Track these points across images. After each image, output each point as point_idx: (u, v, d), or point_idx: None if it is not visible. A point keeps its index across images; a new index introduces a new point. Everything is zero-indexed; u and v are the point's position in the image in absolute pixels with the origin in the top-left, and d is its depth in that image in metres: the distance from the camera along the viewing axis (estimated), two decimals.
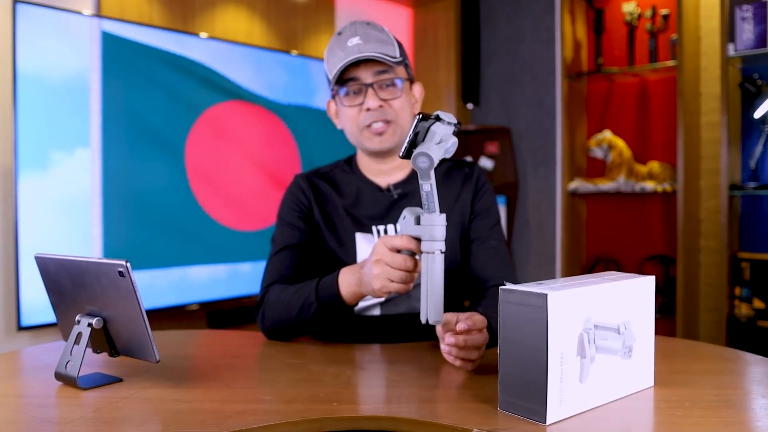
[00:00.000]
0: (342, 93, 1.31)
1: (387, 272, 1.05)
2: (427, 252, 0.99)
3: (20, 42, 2.28)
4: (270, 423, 0.82)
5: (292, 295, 1.24)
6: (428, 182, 0.97)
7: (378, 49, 1.26)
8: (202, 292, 2.82)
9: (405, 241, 1.02)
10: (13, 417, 0.86)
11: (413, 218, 1.00)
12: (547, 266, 3.62)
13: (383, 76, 1.29)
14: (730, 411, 0.84)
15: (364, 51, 1.25)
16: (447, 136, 0.98)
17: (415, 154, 0.96)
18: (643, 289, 0.92)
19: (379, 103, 1.28)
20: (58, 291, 1.05)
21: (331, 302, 1.19)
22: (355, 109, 1.31)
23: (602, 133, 3.24)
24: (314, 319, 1.23)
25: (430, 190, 0.97)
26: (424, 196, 0.98)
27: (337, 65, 1.27)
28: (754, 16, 2.63)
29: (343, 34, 1.30)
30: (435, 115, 0.98)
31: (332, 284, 1.19)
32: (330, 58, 1.30)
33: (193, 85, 2.79)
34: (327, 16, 3.56)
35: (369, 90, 1.28)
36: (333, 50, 1.30)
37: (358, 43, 1.26)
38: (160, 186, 2.69)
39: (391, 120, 1.30)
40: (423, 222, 0.99)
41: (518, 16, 3.71)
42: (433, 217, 0.98)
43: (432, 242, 0.98)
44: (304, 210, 1.38)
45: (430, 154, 0.95)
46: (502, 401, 0.84)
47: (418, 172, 0.97)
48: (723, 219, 2.75)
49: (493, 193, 1.43)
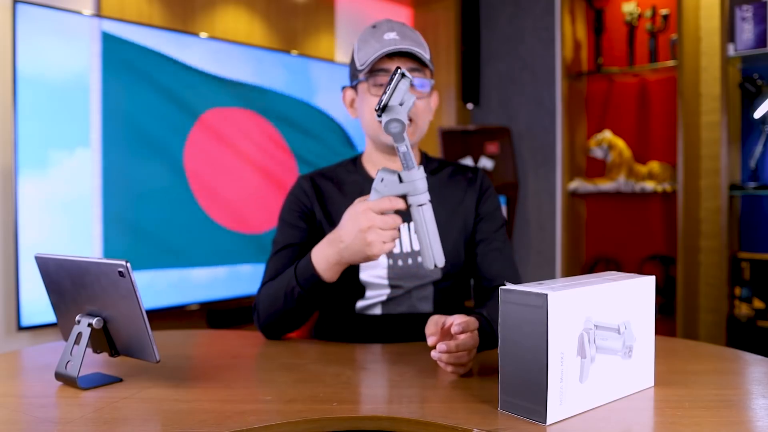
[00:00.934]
0: (371, 81, 1.30)
1: (381, 236, 1.08)
2: (417, 205, 1.05)
3: (20, 42, 2.28)
4: (270, 423, 0.82)
5: (276, 285, 1.25)
6: (403, 143, 1.03)
7: (414, 47, 1.28)
8: (202, 292, 2.82)
9: (394, 202, 1.06)
10: (13, 417, 0.86)
11: (395, 177, 1.06)
12: (547, 266, 3.62)
13: (415, 74, 1.30)
14: (730, 411, 0.84)
15: (401, 45, 1.26)
16: (408, 95, 1.03)
17: (386, 121, 1.01)
18: (643, 289, 0.92)
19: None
20: (58, 291, 1.05)
21: (312, 283, 1.19)
22: None
23: (602, 133, 3.24)
24: (301, 305, 1.22)
25: (406, 150, 1.03)
26: (401, 156, 1.04)
27: (371, 53, 1.27)
28: (754, 16, 2.63)
29: (378, 28, 1.31)
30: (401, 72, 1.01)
31: (308, 265, 1.19)
32: (363, 47, 1.31)
33: (193, 86, 2.79)
34: (327, 16, 3.56)
35: None
36: (367, 41, 1.30)
37: (396, 38, 1.28)
38: (160, 186, 2.69)
39: (414, 120, 1.30)
40: (405, 179, 1.05)
41: (518, 16, 3.71)
42: (413, 172, 1.04)
43: (418, 195, 1.05)
44: (306, 210, 1.38)
45: (400, 119, 1.01)
46: (502, 401, 0.84)
47: (392, 137, 1.02)
48: (723, 219, 2.75)
49: (497, 196, 1.44)
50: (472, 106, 3.91)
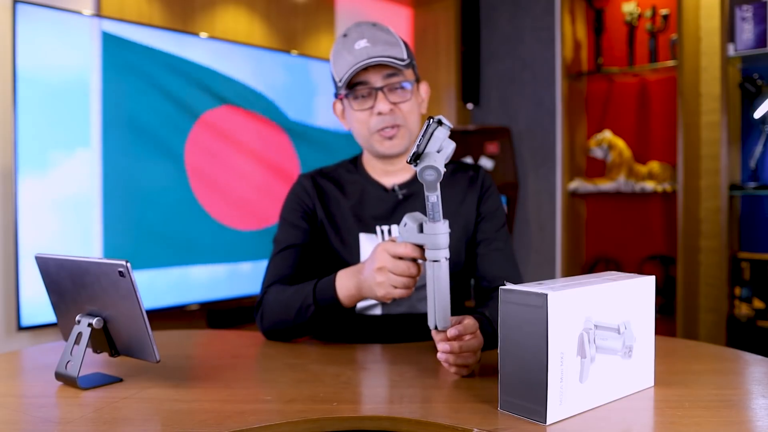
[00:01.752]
0: (351, 97, 1.29)
1: (391, 279, 1.05)
2: (432, 260, 1.00)
3: (20, 42, 2.28)
4: (270, 423, 0.82)
5: (290, 297, 1.24)
6: (435, 194, 0.97)
7: (386, 52, 1.25)
8: (202, 292, 2.82)
9: (409, 249, 1.03)
10: (13, 417, 0.86)
11: (416, 226, 1.01)
12: (547, 266, 3.62)
13: (392, 80, 1.27)
14: (730, 411, 0.84)
15: (373, 54, 1.24)
16: (447, 141, 0.98)
17: (421, 168, 0.95)
18: (643, 289, 0.92)
19: (389, 107, 1.27)
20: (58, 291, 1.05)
21: (329, 305, 1.19)
22: (365, 113, 1.29)
23: (602, 133, 3.24)
24: (312, 321, 1.23)
25: (436, 201, 0.97)
26: (429, 207, 0.98)
27: (345, 68, 1.25)
28: (754, 16, 2.63)
29: (349, 36, 1.28)
30: (437, 119, 0.97)
31: (330, 287, 1.19)
32: (337, 61, 1.29)
33: (193, 86, 2.79)
34: (327, 16, 3.56)
35: (379, 94, 1.27)
36: (340, 53, 1.28)
37: (366, 46, 1.25)
38: (160, 186, 2.69)
39: (401, 124, 1.29)
40: (426, 231, 1.00)
41: (518, 16, 3.71)
42: (437, 225, 0.99)
43: (436, 251, 0.99)
44: (307, 210, 1.37)
45: (437, 167, 0.94)
46: (502, 401, 0.84)
47: (425, 185, 0.96)
48: (723, 219, 2.75)
49: (499, 195, 1.43)
50: (472, 106, 3.91)
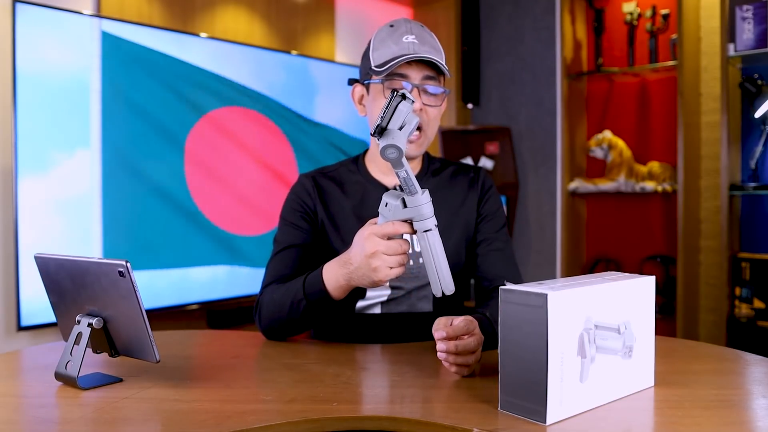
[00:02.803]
0: (386, 85, 1.28)
1: (386, 261, 1.06)
2: (423, 231, 1.01)
3: (20, 42, 2.28)
4: (270, 423, 0.82)
5: (282, 294, 1.25)
6: (402, 169, 0.98)
7: (432, 54, 1.25)
8: (202, 292, 2.82)
9: (398, 226, 1.03)
10: (13, 417, 0.86)
11: (399, 203, 1.02)
12: (547, 266, 3.62)
13: (430, 82, 1.28)
14: (730, 411, 0.84)
15: (420, 51, 1.24)
16: (410, 116, 0.98)
17: (383, 146, 0.96)
18: (643, 289, 0.92)
19: (420, 105, 1.27)
20: (58, 291, 1.05)
21: (319, 299, 1.19)
22: None
23: (602, 133, 3.24)
24: (305, 317, 1.22)
25: (407, 175, 0.98)
26: (402, 182, 1.00)
27: (388, 56, 1.25)
28: (755, 16, 2.63)
29: (396, 28, 1.28)
30: (401, 93, 0.97)
31: (318, 281, 1.19)
32: (379, 47, 1.28)
33: (193, 87, 2.79)
34: (327, 16, 3.56)
35: (414, 90, 1.27)
36: (385, 41, 1.28)
37: (414, 42, 1.25)
38: (160, 186, 2.69)
39: (423, 128, 1.29)
40: (409, 204, 1.01)
41: (518, 16, 3.71)
42: (417, 197, 1.00)
43: (423, 221, 1.01)
44: (308, 210, 1.37)
45: (397, 145, 0.96)
46: (502, 401, 0.84)
47: (390, 163, 0.98)
48: (723, 219, 2.75)
49: (499, 196, 1.43)
50: (471, 106, 3.91)
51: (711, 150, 2.99)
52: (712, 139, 2.98)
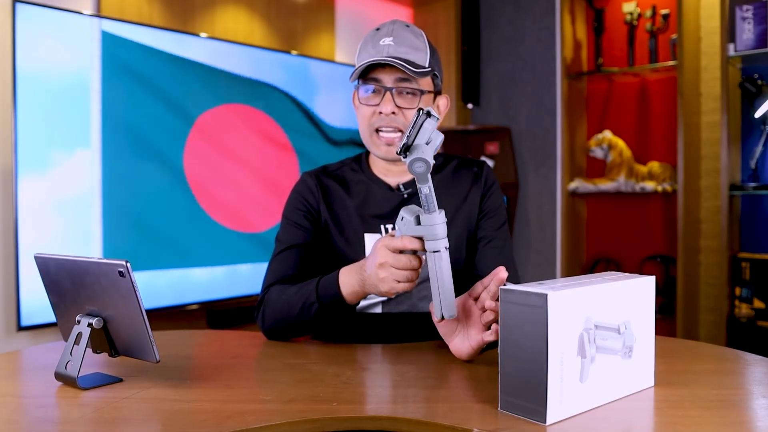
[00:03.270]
0: (360, 90, 1.30)
1: (393, 274, 1.05)
2: (432, 251, 1.00)
3: (20, 42, 2.28)
4: (270, 423, 0.82)
5: (292, 295, 1.24)
6: (426, 185, 0.98)
7: (407, 55, 1.25)
8: (202, 292, 2.82)
9: (407, 242, 1.03)
10: (13, 417, 0.86)
11: (413, 219, 1.01)
12: (547, 266, 3.62)
13: (404, 84, 1.27)
14: (730, 411, 0.84)
15: (393, 54, 1.24)
16: (435, 133, 0.98)
17: (411, 160, 0.96)
18: (644, 289, 0.92)
19: (392, 108, 1.26)
20: (58, 291, 1.05)
21: (332, 302, 1.19)
22: (369, 110, 1.29)
23: (602, 133, 3.24)
24: (315, 319, 1.22)
25: (429, 192, 0.98)
26: (423, 198, 0.99)
27: (365, 60, 1.26)
28: (755, 15, 2.63)
29: (380, 31, 1.29)
30: (427, 111, 0.98)
31: (333, 284, 1.19)
32: (361, 51, 1.30)
33: (193, 86, 2.79)
34: (327, 16, 3.56)
35: (387, 94, 1.26)
36: (366, 44, 1.29)
37: (390, 45, 1.25)
38: (160, 186, 2.69)
39: (403, 129, 1.28)
40: (423, 222, 1.00)
41: (518, 16, 3.71)
42: (433, 216, 0.99)
43: (435, 241, 1.00)
44: (311, 209, 1.37)
45: (426, 159, 0.96)
46: (502, 401, 0.84)
47: (416, 177, 0.98)
48: (723, 219, 2.75)
49: (501, 193, 1.43)
50: (471, 106, 3.91)
51: (711, 150, 2.99)
52: (712, 139, 2.98)
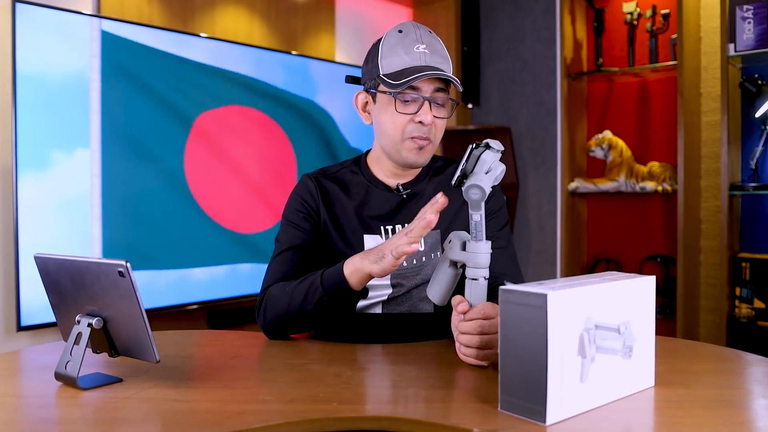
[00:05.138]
0: (398, 98, 1.27)
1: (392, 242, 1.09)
2: (471, 278, 1.02)
3: (20, 42, 2.28)
4: (270, 423, 0.82)
5: (295, 287, 1.24)
6: (478, 212, 1.00)
7: (441, 65, 1.25)
8: (202, 292, 2.82)
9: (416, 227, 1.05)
10: (13, 417, 0.86)
11: (459, 243, 1.04)
12: (547, 266, 3.62)
13: (439, 94, 1.27)
14: (731, 411, 0.84)
15: (431, 63, 1.24)
16: (496, 164, 1.01)
17: (467, 186, 0.99)
18: (644, 289, 0.92)
19: (432, 119, 1.26)
20: (57, 291, 1.05)
21: (336, 287, 1.18)
22: (405, 118, 1.27)
23: (602, 133, 3.24)
24: (317, 310, 1.21)
25: (480, 220, 1.00)
26: (472, 225, 1.01)
27: (400, 67, 1.24)
28: (755, 15, 2.63)
29: (406, 34, 1.27)
30: (485, 143, 1.00)
31: (337, 270, 1.18)
32: (389, 55, 1.27)
33: (193, 87, 2.79)
34: (327, 16, 3.56)
35: (426, 104, 1.26)
36: (394, 48, 1.27)
37: (425, 53, 1.25)
38: (160, 186, 2.69)
39: (432, 139, 1.29)
40: (468, 249, 1.02)
41: (518, 16, 3.71)
42: (479, 245, 1.02)
43: (476, 269, 1.02)
44: (311, 211, 1.37)
45: (482, 186, 0.98)
46: (502, 401, 0.84)
47: (470, 203, 1.00)
48: (723, 219, 2.75)
49: (502, 195, 1.43)
50: (472, 106, 3.91)
51: (711, 150, 2.99)
52: (712, 139, 2.98)
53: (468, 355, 1.04)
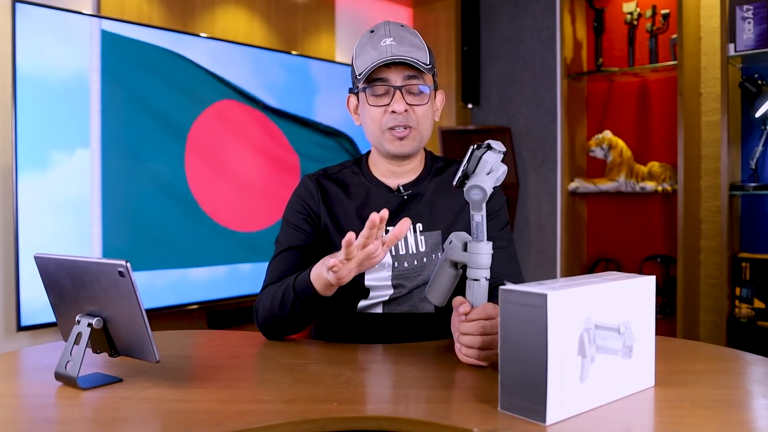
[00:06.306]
0: (368, 92, 1.29)
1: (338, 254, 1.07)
2: (472, 279, 1.02)
3: (20, 42, 2.28)
4: (270, 423, 0.82)
5: (276, 290, 1.25)
6: (480, 213, 1.00)
7: (411, 53, 1.26)
8: (202, 292, 2.81)
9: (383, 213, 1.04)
10: (13, 417, 0.86)
11: (460, 244, 1.04)
12: (548, 266, 3.61)
13: (412, 81, 1.28)
14: (730, 411, 0.84)
15: (397, 53, 1.25)
16: (497, 164, 1.01)
17: (468, 187, 0.98)
18: (644, 289, 0.92)
19: (405, 107, 1.27)
20: (57, 291, 1.05)
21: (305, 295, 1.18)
22: (380, 110, 1.30)
23: (602, 133, 3.23)
24: (295, 314, 1.21)
25: (481, 220, 1.00)
26: (473, 226, 1.01)
27: (368, 63, 1.26)
28: (755, 15, 2.63)
29: (376, 33, 1.29)
30: (486, 144, 1.00)
31: (306, 276, 1.18)
32: (360, 54, 1.30)
33: (193, 86, 2.79)
34: (327, 16, 3.56)
35: (397, 93, 1.27)
36: (365, 47, 1.29)
37: (392, 44, 1.26)
38: (160, 186, 2.69)
39: (413, 126, 1.30)
40: (470, 249, 1.02)
41: (518, 16, 3.71)
42: (480, 245, 1.02)
43: (477, 270, 1.02)
44: (311, 212, 1.37)
45: (483, 187, 0.98)
46: (502, 401, 0.84)
47: (471, 204, 0.99)
48: (723, 219, 2.75)
49: (503, 195, 1.43)
50: (472, 106, 3.91)
51: (711, 150, 2.99)
52: (712, 139, 2.98)
53: (469, 356, 1.04)
